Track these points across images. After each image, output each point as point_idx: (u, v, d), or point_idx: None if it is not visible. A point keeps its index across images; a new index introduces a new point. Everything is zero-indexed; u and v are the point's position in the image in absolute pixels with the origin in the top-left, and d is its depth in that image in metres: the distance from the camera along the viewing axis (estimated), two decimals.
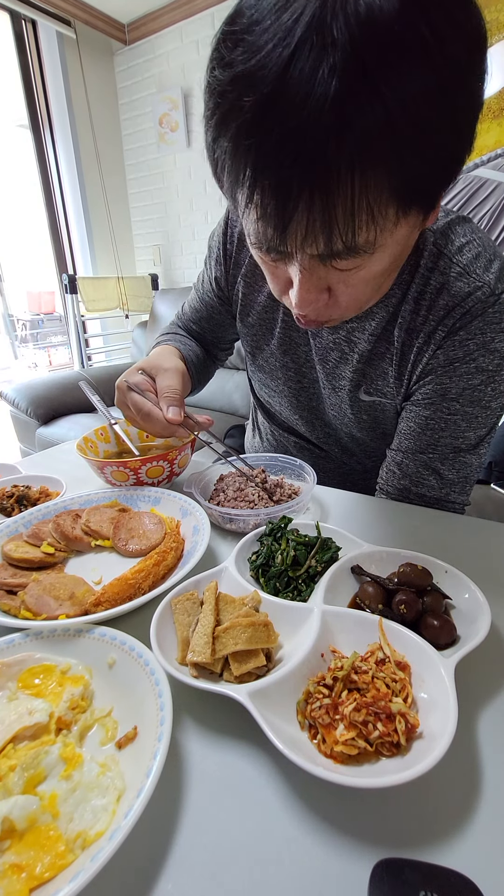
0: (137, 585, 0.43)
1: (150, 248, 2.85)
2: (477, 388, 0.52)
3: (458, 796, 0.27)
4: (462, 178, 1.74)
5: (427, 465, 0.57)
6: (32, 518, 0.55)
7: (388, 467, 0.61)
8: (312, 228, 0.34)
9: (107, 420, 0.72)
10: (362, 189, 0.32)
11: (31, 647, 0.37)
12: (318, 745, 0.29)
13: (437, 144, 0.33)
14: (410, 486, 0.58)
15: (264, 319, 0.68)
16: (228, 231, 0.68)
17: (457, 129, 0.34)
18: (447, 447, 0.56)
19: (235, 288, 0.70)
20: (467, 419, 0.54)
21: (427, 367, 0.54)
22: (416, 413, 0.56)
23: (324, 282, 0.43)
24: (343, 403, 0.64)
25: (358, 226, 0.34)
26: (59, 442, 1.88)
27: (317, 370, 0.66)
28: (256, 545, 0.48)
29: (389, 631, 0.35)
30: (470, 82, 0.32)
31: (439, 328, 0.52)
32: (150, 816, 0.26)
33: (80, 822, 0.26)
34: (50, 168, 2.65)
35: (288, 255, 0.40)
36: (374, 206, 0.33)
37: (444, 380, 0.53)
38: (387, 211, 0.34)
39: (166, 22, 2.33)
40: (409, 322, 0.54)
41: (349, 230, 0.34)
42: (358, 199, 0.32)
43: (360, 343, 0.58)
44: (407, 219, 0.37)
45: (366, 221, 0.34)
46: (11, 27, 2.35)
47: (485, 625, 0.35)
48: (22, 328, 5.03)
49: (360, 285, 0.43)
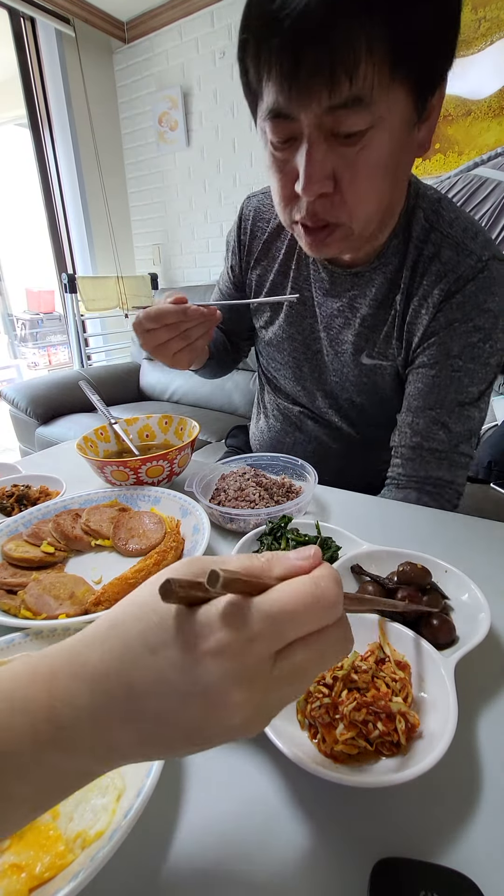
0: (137, 585, 0.42)
1: (149, 247, 2.85)
2: (476, 345, 0.58)
3: (458, 796, 0.27)
4: (462, 177, 1.74)
5: (436, 420, 0.61)
6: (32, 517, 0.55)
7: (400, 429, 0.65)
8: (320, 71, 0.40)
9: (107, 420, 0.72)
10: (361, 35, 0.39)
11: (31, 647, 0.37)
12: (318, 745, 0.29)
13: (424, 15, 0.40)
14: (422, 442, 0.62)
15: (270, 297, 0.74)
16: (242, 225, 0.75)
17: (440, 12, 0.41)
18: (453, 402, 0.60)
19: (249, 273, 0.77)
20: (469, 375, 0.59)
21: (429, 330, 0.59)
22: (423, 374, 0.61)
23: (328, 164, 0.46)
24: (345, 368, 0.69)
25: (356, 62, 0.40)
26: (58, 441, 1.88)
27: (321, 339, 0.71)
28: (256, 544, 0.48)
29: (389, 630, 0.35)
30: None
31: (435, 292, 0.58)
32: (150, 816, 0.26)
33: (79, 821, 0.26)
34: (49, 167, 2.64)
35: (296, 120, 0.45)
36: (372, 46, 0.39)
37: (445, 339, 0.58)
38: (382, 60, 0.40)
39: (166, 20, 2.32)
40: (408, 288, 0.60)
41: (350, 66, 0.40)
42: (356, 42, 0.39)
43: (363, 308, 0.64)
44: (399, 84, 0.43)
45: (362, 64, 0.40)
46: (10, 25, 2.35)
47: (484, 624, 0.35)
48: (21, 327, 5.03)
49: (362, 176, 0.47)
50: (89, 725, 0.18)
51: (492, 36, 1.59)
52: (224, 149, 2.32)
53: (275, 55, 0.42)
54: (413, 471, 0.63)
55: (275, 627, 0.18)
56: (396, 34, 0.40)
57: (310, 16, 0.38)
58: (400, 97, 0.44)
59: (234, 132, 2.27)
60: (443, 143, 1.75)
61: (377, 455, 0.75)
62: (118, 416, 0.73)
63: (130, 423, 0.74)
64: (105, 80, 2.62)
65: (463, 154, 1.73)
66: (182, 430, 0.73)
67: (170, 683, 0.18)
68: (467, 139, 1.71)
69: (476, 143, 1.70)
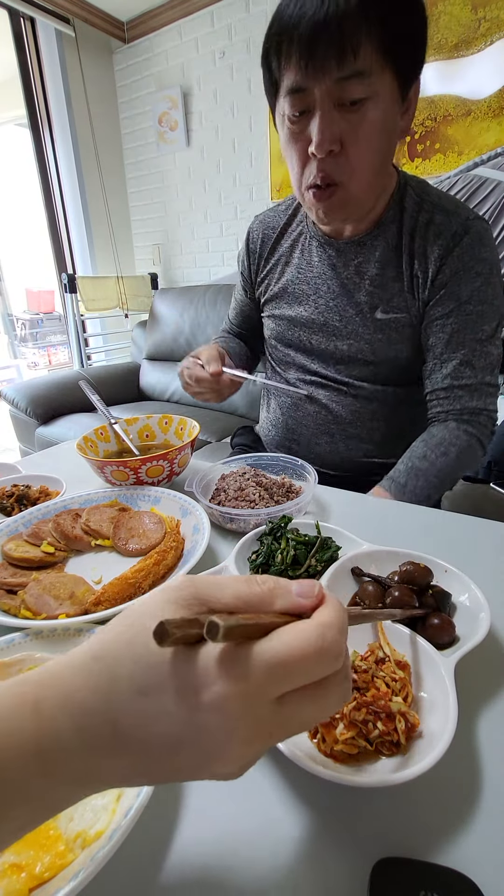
0: (137, 585, 0.43)
1: (149, 247, 2.85)
2: (480, 289, 0.70)
3: (458, 796, 0.27)
4: (462, 177, 1.74)
5: (461, 361, 0.72)
6: (32, 517, 0.55)
7: (432, 377, 0.75)
8: (332, 48, 0.54)
9: (107, 419, 0.72)
10: (362, 27, 0.53)
11: (30, 647, 0.37)
12: (318, 744, 0.29)
13: (406, 22, 0.56)
14: (453, 382, 0.73)
15: (283, 285, 0.85)
16: (250, 236, 0.90)
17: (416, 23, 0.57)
18: (472, 341, 0.71)
19: (259, 273, 0.89)
20: (481, 315, 0.71)
21: (437, 282, 0.71)
22: (442, 324, 0.72)
23: (336, 128, 0.59)
24: (359, 328, 0.77)
25: (361, 45, 0.54)
26: (58, 441, 1.88)
27: (332, 309, 0.79)
28: (256, 544, 0.48)
29: (389, 630, 0.35)
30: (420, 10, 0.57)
31: (435, 248, 0.70)
32: (150, 816, 0.26)
33: (79, 821, 0.26)
34: (49, 167, 2.64)
35: (310, 94, 0.58)
36: (371, 35, 0.54)
37: (454, 289, 0.70)
38: (377, 47, 0.54)
39: (165, 20, 2.32)
40: (410, 250, 0.72)
41: (356, 45, 0.54)
42: (359, 30, 0.53)
43: (370, 271, 0.75)
44: (389, 70, 0.57)
45: (363, 46, 0.54)
46: (10, 25, 2.34)
47: (484, 624, 0.35)
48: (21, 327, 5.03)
49: (363, 139, 0.60)
50: (75, 760, 0.18)
51: (492, 36, 1.58)
52: (224, 149, 2.32)
53: (295, 44, 0.56)
54: (450, 406, 0.74)
55: (276, 679, 0.18)
56: (387, 31, 0.54)
57: (324, 16, 0.53)
58: (388, 80, 0.58)
59: (234, 132, 2.27)
60: (443, 143, 1.75)
61: (385, 415, 0.82)
62: (118, 416, 0.73)
63: (130, 423, 0.74)
64: (105, 80, 2.62)
65: (463, 154, 1.73)
66: (182, 430, 0.73)
67: (160, 728, 0.17)
68: (467, 139, 1.71)
69: (476, 143, 1.69)
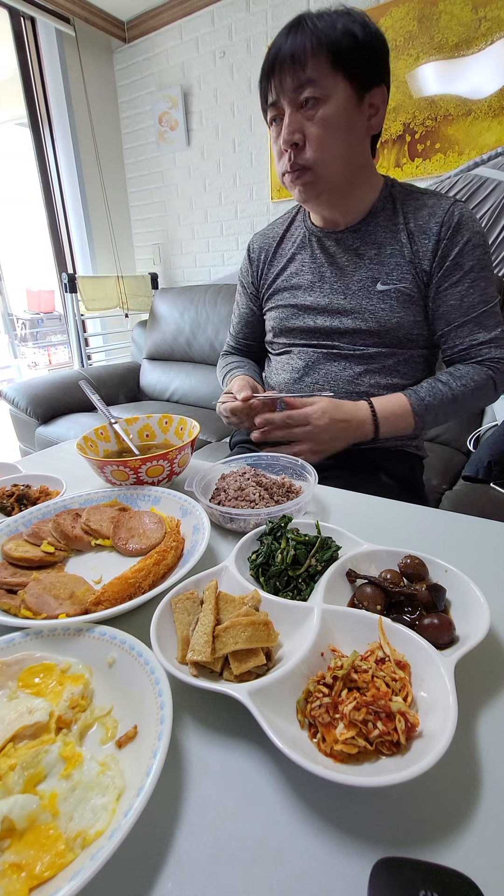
0: (137, 584, 0.43)
1: (149, 247, 2.85)
2: (480, 258, 0.80)
3: (458, 795, 0.27)
4: (462, 177, 1.74)
5: (475, 322, 0.82)
6: (32, 517, 0.55)
7: (449, 342, 0.85)
8: (287, 67, 0.71)
9: (107, 419, 0.72)
10: (309, 50, 0.69)
11: (31, 646, 0.37)
12: (318, 744, 0.29)
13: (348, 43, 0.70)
14: (469, 341, 0.83)
15: (286, 279, 0.93)
16: (251, 248, 1.01)
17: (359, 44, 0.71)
18: (480, 304, 0.81)
19: (261, 276, 0.99)
20: (485, 280, 0.81)
21: (440, 254, 0.80)
22: (451, 292, 0.81)
23: (298, 125, 0.74)
24: (362, 301, 0.85)
25: (308, 59, 0.70)
26: (58, 441, 1.88)
27: (337, 292, 0.87)
28: (256, 544, 0.48)
29: (389, 630, 0.35)
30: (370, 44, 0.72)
31: (433, 224, 0.79)
32: (150, 815, 0.26)
33: (80, 821, 0.26)
34: (49, 167, 2.64)
35: (280, 104, 0.75)
36: (315, 55, 0.70)
37: (458, 259, 0.79)
38: (324, 60, 0.70)
39: (166, 20, 2.32)
40: (408, 229, 0.82)
41: (303, 62, 0.70)
42: (306, 54, 0.70)
43: (368, 252, 0.84)
44: (341, 76, 0.71)
45: (310, 60, 0.70)
46: (10, 25, 2.34)
47: (484, 624, 0.35)
48: (21, 327, 5.03)
49: (317, 130, 0.73)
50: None
51: (492, 36, 1.58)
52: (224, 148, 2.32)
53: (268, 71, 0.74)
54: (471, 360, 0.83)
55: None
56: (332, 49, 0.69)
57: (284, 50, 0.71)
58: (341, 84, 0.72)
59: (234, 132, 2.27)
60: (443, 142, 1.75)
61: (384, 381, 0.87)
62: (118, 415, 0.73)
63: (130, 422, 0.74)
64: (105, 79, 2.62)
65: (463, 154, 1.73)
66: (182, 430, 0.73)
67: None
68: (467, 139, 1.70)
69: (476, 142, 1.69)
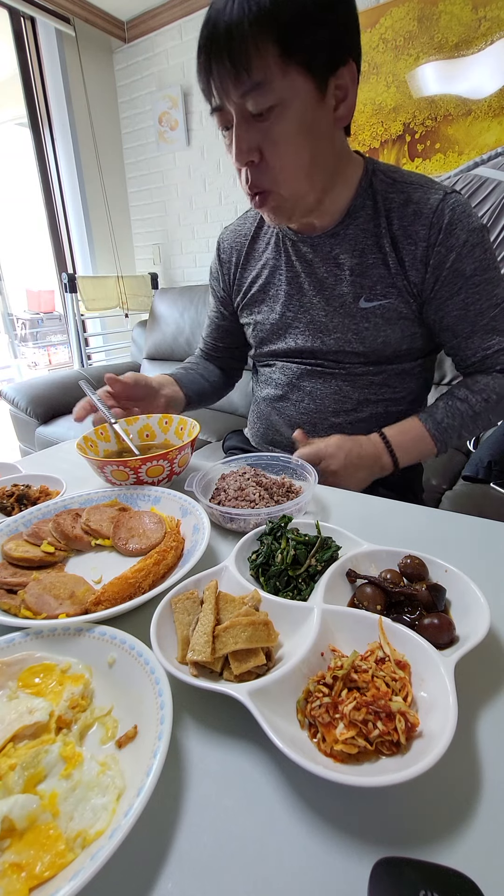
0: (137, 584, 0.43)
1: (149, 247, 2.85)
2: (480, 259, 0.69)
3: (458, 796, 0.27)
4: (462, 177, 1.74)
5: (486, 329, 0.72)
6: (32, 517, 0.55)
7: (461, 353, 0.75)
8: (226, 71, 0.56)
9: (107, 419, 0.72)
10: (250, 43, 0.53)
11: (31, 646, 0.37)
12: (318, 744, 0.29)
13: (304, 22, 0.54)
14: (484, 352, 0.74)
15: (262, 289, 0.83)
16: (221, 247, 0.90)
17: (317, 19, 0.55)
18: (489, 308, 0.71)
19: (233, 282, 0.88)
20: (489, 282, 0.70)
21: (433, 262, 0.68)
22: (453, 302, 0.70)
23: (253, 141, 0.61)
24: (345, 319, 0.75)
25: (252, 59, 0.54)
26: (58, 441, 1.88)
27: (317, 306, 0.77)
28: (256, 544, 0.48)
29: (389, 630, 0.35)
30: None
31: (419, 227, 0.67)
32: (150, 815, 0.26)
33: (80, 820, 0.26)
34: (49, 167, 2.64)
35: (227, 110, 0.60)
36: (259, 48, 0.54)
37: (456, 265, 0.68)
38: (271, 55, 0.54)
39: (166, 20, 2.32)
40: (391, 232, 0.70)
41: (245, 63, 0.54)
42: (247, 48, 0.54)
43: (347, 261, 0.73)
44: (295, 71, 0.56)
45: (254, 60, 0.54)
46: (10, 25, 2.34)
47: (484, 624, 0.35)
48: (21, 327, 5.03)
49: (279, 145, 0.60)
50: None
51: (492, 36, 1.58)
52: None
53: (203, 69, 0.58)
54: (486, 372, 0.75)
55: None
56: (280, 36, 0.54)
57: (218, 41, 0.55)
58: (298, 80, 0.57)
59: None
60: (443, 142, 1.75)
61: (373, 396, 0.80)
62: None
63: (130, 422, 0.74)
64: (105, 79, 2.62)
65: (463, 154, 1.73)
66: (182, 430, 0.73)
67: None
68: (467, 139, 1.71)
69: (476, 142, 1.69)
